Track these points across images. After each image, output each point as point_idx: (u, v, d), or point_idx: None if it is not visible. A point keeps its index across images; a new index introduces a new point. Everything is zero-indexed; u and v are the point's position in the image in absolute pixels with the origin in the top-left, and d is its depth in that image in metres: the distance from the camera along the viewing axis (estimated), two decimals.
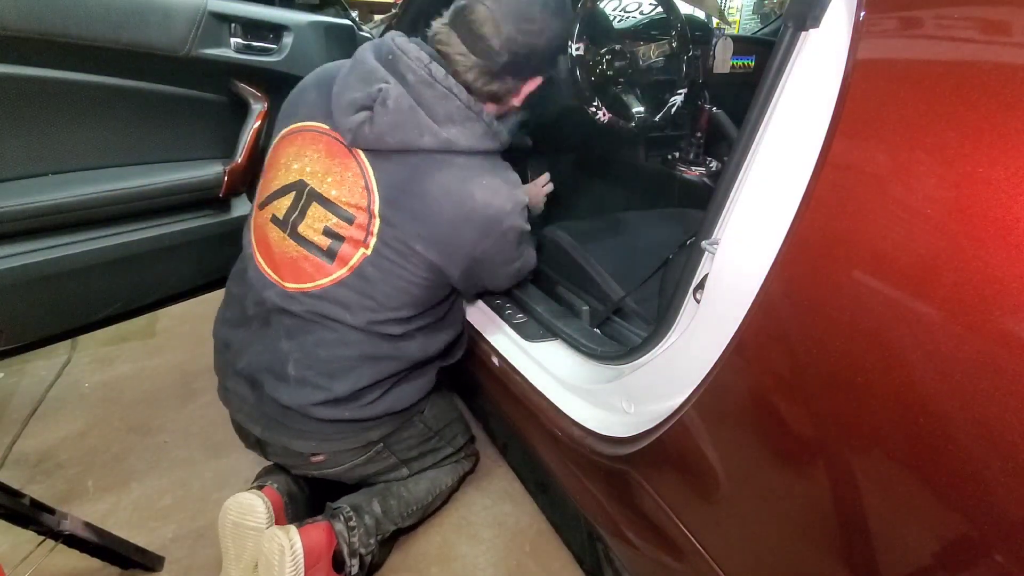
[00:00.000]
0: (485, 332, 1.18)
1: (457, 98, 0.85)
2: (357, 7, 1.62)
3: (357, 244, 0.88)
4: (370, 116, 0.84)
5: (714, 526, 0.67)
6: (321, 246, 0.90)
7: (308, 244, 0.91)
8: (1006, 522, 0.39)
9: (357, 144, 0.87)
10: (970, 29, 0.42)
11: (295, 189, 0.92)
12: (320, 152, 0.91)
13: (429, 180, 0.85)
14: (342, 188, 0.88)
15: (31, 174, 1.06)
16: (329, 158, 0.90)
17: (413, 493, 1.13)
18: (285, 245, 0.93)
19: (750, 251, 0.58)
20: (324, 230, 0.90)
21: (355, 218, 0.88)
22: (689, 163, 1.69)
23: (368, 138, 0.85)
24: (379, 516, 1.06)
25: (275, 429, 1.00)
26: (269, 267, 0.95)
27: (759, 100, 0.58)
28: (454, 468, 1.22)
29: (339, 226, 0.89)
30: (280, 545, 0.93)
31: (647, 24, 1.62)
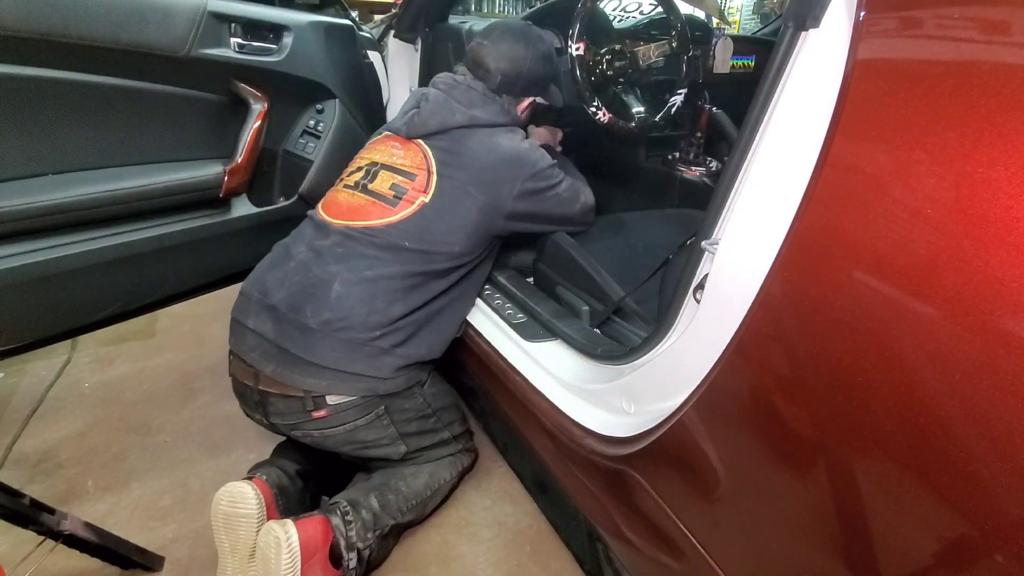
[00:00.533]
0: (485, 332, 1.18)
1: (475, 90, 1.20)
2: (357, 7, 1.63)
3: (418, 193, 1.12)
4: (417, 111, 1.17)
5: (714, 526, 0.67)
6: (387, 195, 1.12)
7: (376, 195, 1.13)
8: (1006, 522, 0.39)
9: (412, 134, 1.17)
10: (970, 29, 0.42)
11: (367, 167, 1.19)
12: (387, 145, 1.21)
13: (467, 141, 1.16)
14: (405, 159, 1.16)
15: (31, 174, 1.06)
16: (395, 146, 1.19)
17: (412, 487, 1.13)
18: (354, 199, 1.14)
19: (750, 251, 0.58)
20: (391, 186, 1.14)
21: (417, 176, 1.13)
22: (689, 163, 1.69)
23: (416, 125, 1.16)
24: (377, 511, 1.06)
25: (289, 364, 1.02)
26: (334, 216, 1.13)
27: (759, 100, 0.58)
28: (453, 463, 1.22)
29: (404, 182, 1.13)
30: (276, 538, 0.93)
31: (647, 24, 1.62)
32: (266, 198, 1.44)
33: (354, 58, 1.53)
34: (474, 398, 1.50)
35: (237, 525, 0.99)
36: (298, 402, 1.04)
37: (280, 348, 1.03)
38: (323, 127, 1.45)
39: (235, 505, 1.00)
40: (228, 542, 1.00)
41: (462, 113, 1.16)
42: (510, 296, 1.24)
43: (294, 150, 1.44)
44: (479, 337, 1.19)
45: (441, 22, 1.60)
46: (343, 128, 1.47)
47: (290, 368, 1.02)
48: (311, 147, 1.44)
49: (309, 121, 1.45)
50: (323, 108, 1.45)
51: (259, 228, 1.39)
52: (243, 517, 0.99)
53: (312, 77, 1.39)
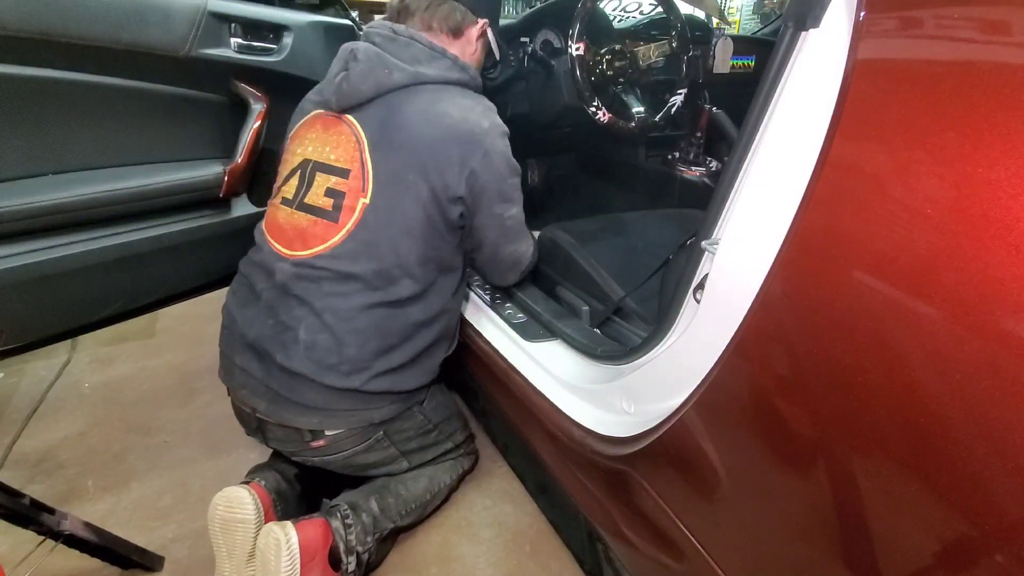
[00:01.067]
0: (485, 332, 1.18)
1: (419, 43, 0.97)
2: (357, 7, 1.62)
3: (357, 194, 0.93)
4: (346, 75, 0.94)
5: (714, 526, 0.67)
6: (326, 207, 0.96)
7: (314, 210, 0.97)
8: (1006, 522, 0.39)
9: (342, 104, 0.96)
10: (970, 29, 0.42)
11: (300, 169, 1.01)
12: (317, 131, 1.01)
13: (406, 108, 0.92)
14: (338, 150, 0.96)
15: (31, 174, 1.06)
16: (325, 131, 1.00)
17: (411, 491, 1.13)
18: (295, 219, 0.99)
19: (750, 251, 0.58)
20: (325, 191, 0.96)
21: (350, 170, 0.94)
22: (689, 163, 1.69)
23: (347, 92, 0.94)
24: (377, 514, 1.06)
25: (279, 404, 0.98)
26: (281, 244, 1.00)
27: (759, 100, 0.58)
28: (453, 466, 1.22)
29: (338, 183, 0.95)
30: (276, 539, 0.93)
31: (647, 24, 1.62)
32: (266, 198, 1.43)
33: None
34: (474, 398, 1.50)
35: (234, 530, 0.98)
36: (296, 432, 1.02)
37: (268, 387, 0.98)
38: None
39: (232, 510, 0.99)
40: (225, 546, 0.99)
41: (401, 71, 0.92)
42: (510, 296, 1.24)
43: None
44: (479, 337, 1.19)
45: None
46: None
47: (280, 407, 0.99)
48: None
49: None
50: None
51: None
52: (240, 522, 0.98)
53: (312, 77, 1.39)
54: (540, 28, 1.52)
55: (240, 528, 0.98)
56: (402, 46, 0.95)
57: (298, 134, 1.07)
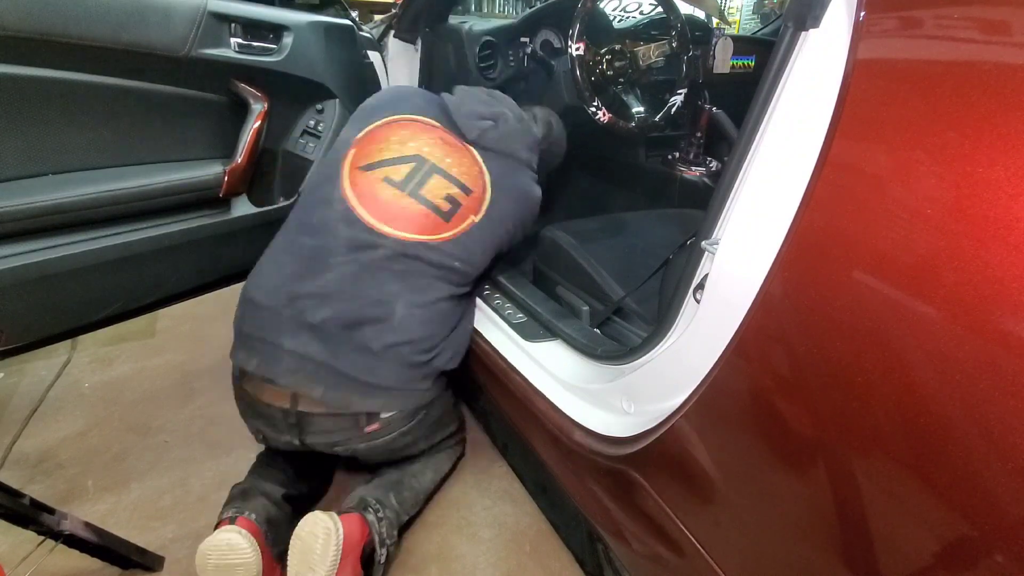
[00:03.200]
0: (485, 332, 1.18)
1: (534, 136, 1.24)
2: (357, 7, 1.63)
3: (470, 211, 1.09)
4: (494, 125, 1.16)
5: (714, 526, 0.67)
6: (442, 208, 1.06)
7: (430, 204, 1.06)
8: (1006, 522, 0.39)
9: (478, 142, 1.15)
10: (970, 29, 0.42)
11: (414, 161, 1.09)
12: (435, 139, 1.13)
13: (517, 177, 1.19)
14: (461, 168, 1.11)
15: (31, 174, 1.06)
16: (445, 145, 1.13)
17: (422, 484, 1.17)
18: (405, 202, 1.05)
19: (750, 251, 0.58)
20: (446, 196, 1.07)
21: (473, 191, 1.10)
22: (689, 163, 1.69)
23: (489, 139, 1.15)
24: (397, 508, 1.09)
25: (344, 387, 0.96)
26: (380, 220, 1.03)
27: (759, 100, 0.58)
28: (450, 454, 1.27)
29: (459, 195, 1.08)
30: (327, 528, 0.93)
31: (647, 24, 1.62)
32: (266, 198, 1.44)
33: (354, 58, 1.53)
34: (474, 398, 1.50)
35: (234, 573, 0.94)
36: (350, 419, 1.00)
37: (334, 370, 0.96)
38: (323, 127, 1.45)
39: (226, 557, 0.94)
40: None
41: (527, 153, 1.19)
42: (510, 296, 1.24)
43: (294, 150, 1.44)
44: (479, 337, 1.19)
45: (441, 22, 1.60)
46: (343, 128, 1.47)
47: (344, 390, 0.97)
48: (311, 147, 1.44)
49: (309, 121, 1.45)
50: (323, 108, 1.45)
51: (259, 228, 1.39)
52: (240, 566, 0.94)
53: (312, 77, 1.39)
54: (540, 28, 1.52)
55: (241, 571, 0.94)
56: (528, 129, 1.22)
57: (407, 126, 1.13)
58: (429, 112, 1.17)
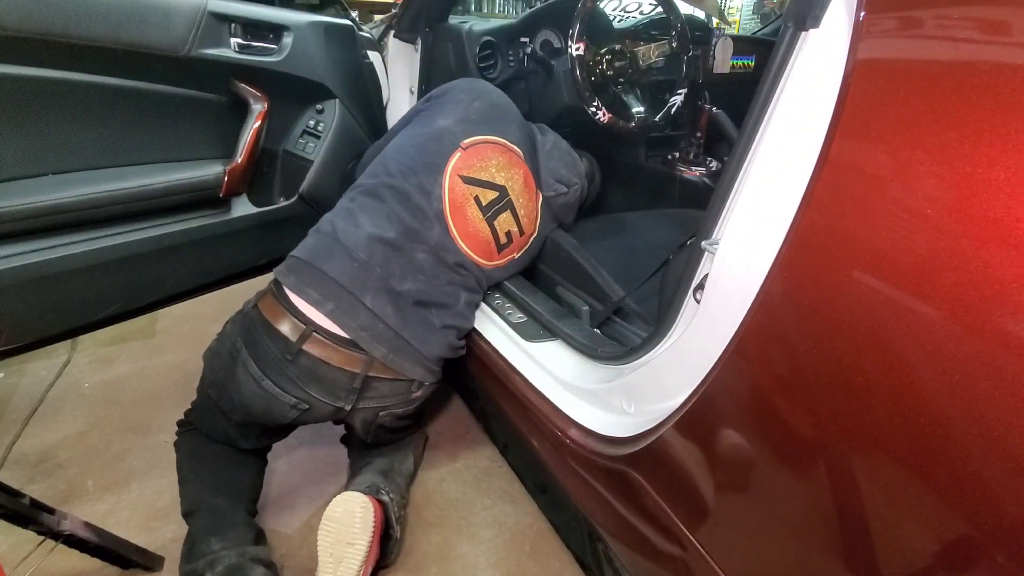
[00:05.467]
0: (485, 332, 1.18)
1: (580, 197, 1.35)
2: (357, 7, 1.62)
3: (515, 249, 1.21)
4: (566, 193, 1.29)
5: (714, 526, 0.67)
6: (500, 240, 1.17)
7: (495, 233, 1.16)
8: (1006, 522, 0.39)
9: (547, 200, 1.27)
10: (970, 29, 0.42)
11: (499, 191, 1.17)
12: (521, 178, 1.21)
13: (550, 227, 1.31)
14: (526, 211, 1.21)
15: (31, 174, 1.06)
16: (525, 187, 1.21)
17: (408, 469, 1.27)
18: (480, 226, 1.14)
19: (750, 251, 0.58)
20: (507, 232, 1.18)
21: (525, 234, 1.22)
22: (689, 163, 1.69)
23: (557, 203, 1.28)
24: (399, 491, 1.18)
25: (402, 353, 1.03)
26: (459, 234, 1.12)
27: (759, 100, 0.58)
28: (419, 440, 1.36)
29: (515, 234, 1.20)
30: (363, 504, 1.01)
31: (647, 24, 1.62)
32: (266, 198, 1.44)
33: (354, 58, 1.53)
34: (474, 398, 1.50)
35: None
36: (405, 384, 1.08)
37: (398, 335, 1.02)
38: (323, 127, 1.45)
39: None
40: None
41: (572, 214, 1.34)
42: (510, 296, 1.24)
43: (294, 150, 1.44)
44: (479, 337, 1.19)
45: (441, 22, 1.60)
46: (343, 128, 1.47)
47: (401, 355, 1.03)
48: (311, 147, 1.44)
49: (309, 121, 1.45)
50: (323, 108, 1.45)
51: (259, 228, 1.39)
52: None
53: (312, 77, 1.39)
54: (540, 28, 1.52)
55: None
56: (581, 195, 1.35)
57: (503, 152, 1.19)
58: (524, 146, 1.24)
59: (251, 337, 1.02)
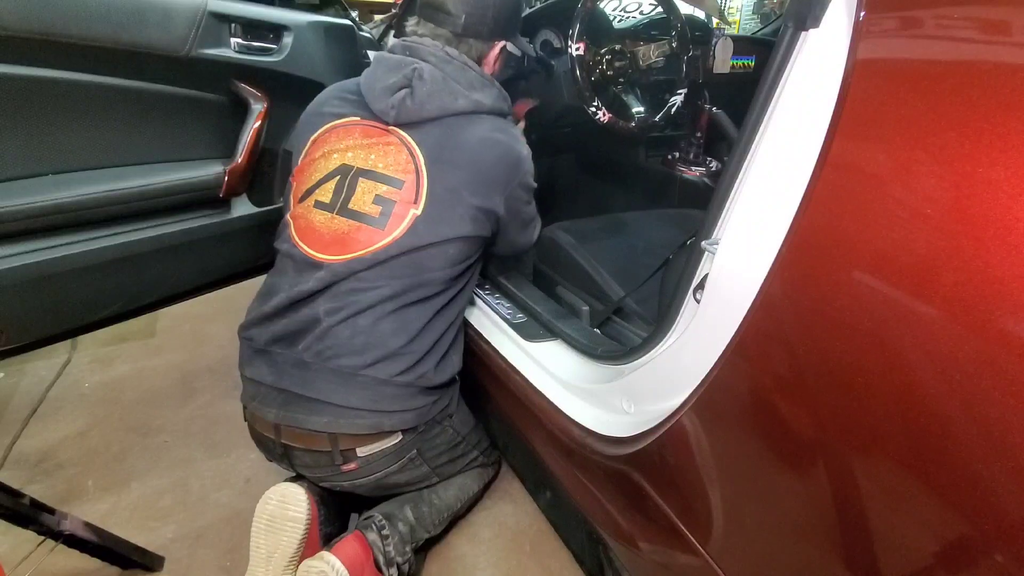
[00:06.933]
0: (485, 332, 1.18)
1: (472, 70, 1.03)
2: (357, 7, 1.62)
3: (408, 204, 0.97)
4: (410, 91, 0.98)
5: (714, 526, 0.67)
6: (372, 214, 0.97)
7: (360, 215, 0.98)
8: (1006, 522, 0.39)
9: (400, 120, 0.99)
10: (970, 29, 0.42)
11: (339, 174, 1.01)
12: (356, 138, 1.02)
13: (466, 133, 1.00)
14: (387, 159, 0.99)
15: (31, 174, 1.06)
16: (367, 139, 1.01)
17: (444, 500, 1.12)
18: (334, 224, 0.99)
19: (750, 251, 0.58)
20: (375, 199, 0.98)
21: (404, 182, 0.98)
22: (689, 163, 1.69)
23: (410, 110, 0.98)
24: (413, 523, 1.04)
25: (291, 406, 0.95)
26: (317, 249, 0.99)
27: (759, 100, 0.58)
28: (479, 475, 1.22)
29: (389, 193, 0.98)
30: (322, 571, 0.90)
31: (647, 24, 1.62)
32: (266, 198, 1.44)
33: (354, 58, 1.53)
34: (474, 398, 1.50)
35: (281, 529, 0.96)
36: (325, 456, 0.98)
37: (279, 390, 0.97)
38: None
39: (286, 506, 0.96)
40: (266, 547, 0.96)
41: (465, 98, 0.99)
42: (510, 296, 1.24)
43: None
44: (479, 337, 1.19)
45: None
46: None
47: (292, 409, 0.96)
48: None
49: None
50: None
51: (259, 228, 1.39)
52: (291, 520, 0.96)
53: (312, 77, 1.39)
54: (540, 28, 1.52)
55: (289, 528, 0.95)
56: (458, 70, 1.01)
57: (328, 139, 1.04)
58: (347, 109, 1.05)
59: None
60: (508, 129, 1.05)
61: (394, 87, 0.98)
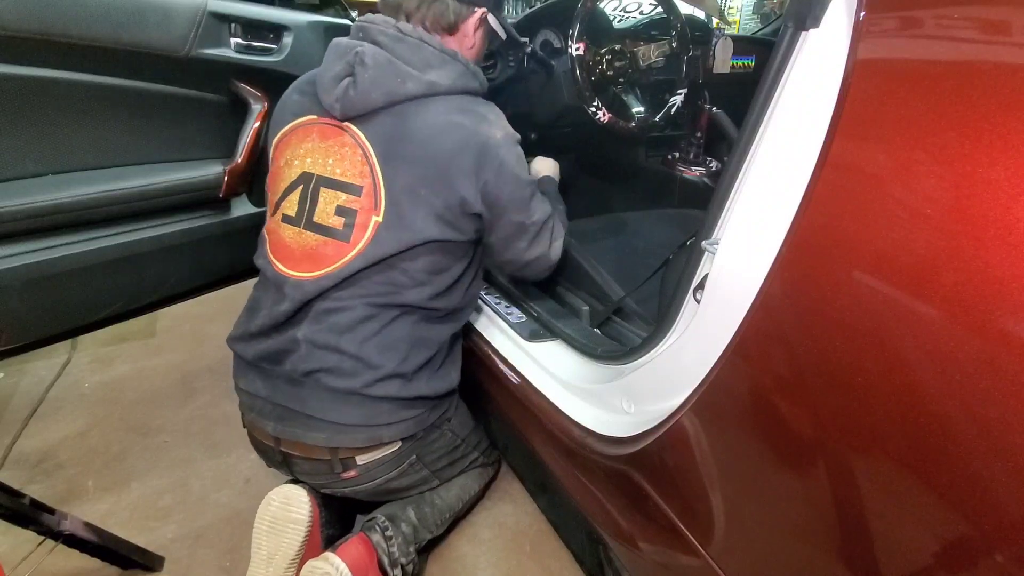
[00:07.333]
0: (485, 332, 1.18)
1: (429, 45, 0.89)
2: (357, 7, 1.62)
3: (369, 212, 0.88)
4: (352, 80, 0.86)
5: (714, 526, 0.67)
6: (336, 227, 0.90)
7: (324, 229, 0.91)
8: (1006, 522, 0.39)
9: (347, 114, 0.88)
10: (970, 29, 0.42)
11: (302, 183, 0.93)
12: (314, 140, 0.93)
13: (417, 120, 0.87)
14: (343, 163, 0.90)
15: (31, 174, 1.06)
16: (324, 140, 0.92)
17: (445, 500, 1.12)
18: (303, 239, 0.93)
19: (750, 251, 0.58)
20: (336, 210, 0.90)
21: (362, 187, 0.89)
22: (689, 163, 1.69)
23: (355, 100, 0.87)
24: (416, 524, 1.04)
25: (288, 420, 0.94)
26: (287, 265, 0.94)
27: (759, 100, 0.58)
28: (480, 475, 1.21)
29: (349, 201, 0.89)
30: (326, 572, 0.90)
31: (647, 24, 1.62)
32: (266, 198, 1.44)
33: None
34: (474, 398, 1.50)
35: (283, 531, 0.95)
36: (325, 464, 0.96)
37: (274, 404, 0.95)
38: None
39: (288, 508, 0.96)
40: (267, 548, 0.95)
41: (415, 80, 0.86)
42: (510, 296, 1.24)
43: None
44: (479, 337, 1.19)
45: None
46: None
47: (289, 423, 0.94)
48: None
49: None
50: None
51: (259, 228, 1.39)
52: (292, 522, 0.96)
53: None
54: (540, 28, 1.52)
55: (291, 529, 0.95)
56: (412, 48, 0.87)
57: (289, 142, 0.96)
58: (306, 107, 0.95)
59: None
60: (473, 108, 0.90)
61: (339, 76, 0.87)
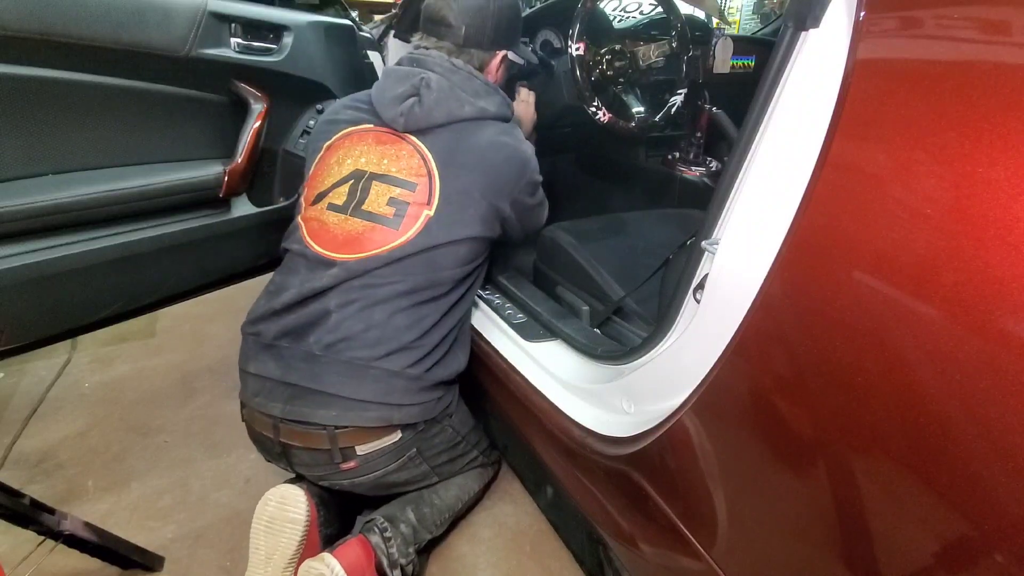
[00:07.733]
0: (485, 332, 1.18)
1: (478, 79, 1.08)
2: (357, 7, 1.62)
3: (421, 207, 1.01)
4: (418, 99, 1.03)
5: (714, 526, 0.67)
6: (387, 215, 1.01)
7: (374, 216, 1.01)
8: (1006, 522, 0.39)
9: (409, 127, 1.04)
10: (970, 29, 0.42)
11: (352, 178, 1.04)
12: (369, 144, 1.06)
13: (475, 138, 1.05)
14: (399, 163, 1.03)
15: (31, 174, 1.06)
16: (380, 145, 1.05)
17: (445, 500, 1.12)
18: (348, 224, 1.02)
19: (750, 251, 0.58)
20: (388, 201, 1.01)
21: (417, 185, 1.01)
22: (689, 163, 1.69)
23: (419, 117, 1.03)
24: (415, 524, 1.05)
25: (297, 400, 0.96)
26: (331, 249, 1.01)
27: (759, 100, 0.58)
28: (480, 475, 1.22)
29: (403, 195, 1.01)
30: (320, 573, 0.90)
31: (647, 24, 1.62)
32: (266, 198, 1.44)
33: (354, 58, 1.53)
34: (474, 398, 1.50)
35: (280, 530, 0.96)
36: (324, 454, 0.98)
37: (286, 384, 0.97)
38: None
39: (285, 507, 0.97)
40: (265, 548, 0.96)
41: (471, 105, 1.04)
42: (510, 296, 1.24)
43: (294, 150, 1.44)
44: (479, 337, 1.19)
45: None
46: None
47: (298, 403, 0.96)
48: None
49: (309, 121, 1.45)
50: (323, 108, 1.45)
51: (259, 228, 1.39)
52: (290, 522, 0.96)
53: (312, 77, 1.39)
54: (540, 28, 1.52)
55: (288, 529, 0.96)
56: (465, 79, 1.06)
57: (341, 144, 1.08)
58: (361, 118, 1.10)
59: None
60: (513, 132, 1.10)
61: (403, 96, 1.03)
